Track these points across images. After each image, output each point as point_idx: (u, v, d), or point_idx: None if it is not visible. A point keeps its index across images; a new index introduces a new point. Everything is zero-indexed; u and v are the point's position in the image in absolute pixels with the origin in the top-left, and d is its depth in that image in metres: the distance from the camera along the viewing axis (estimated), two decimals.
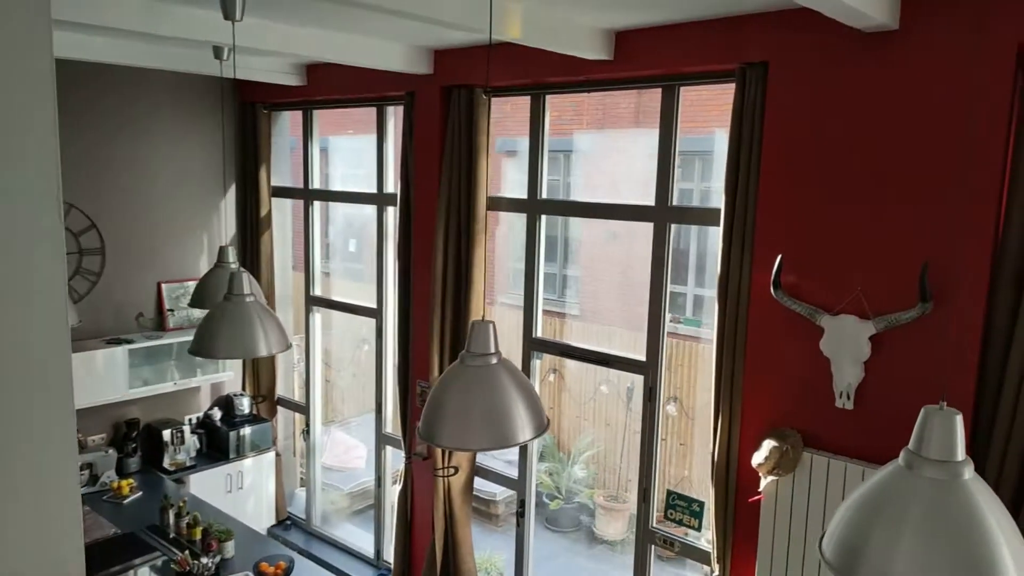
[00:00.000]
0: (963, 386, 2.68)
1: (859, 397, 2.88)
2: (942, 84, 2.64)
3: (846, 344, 2.85)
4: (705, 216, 3.51)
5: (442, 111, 4.35)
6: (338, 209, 7.48)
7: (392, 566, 4.97)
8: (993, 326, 2.63)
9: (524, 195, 4.24)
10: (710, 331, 3.38)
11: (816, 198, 2.95)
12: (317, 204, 5.69)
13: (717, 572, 3.32)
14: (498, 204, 4.40)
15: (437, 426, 2.34)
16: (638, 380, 3.87)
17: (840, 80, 2.86)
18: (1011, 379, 2.57)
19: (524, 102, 4.20)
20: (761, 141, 3.07)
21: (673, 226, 3.61)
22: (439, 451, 4.47)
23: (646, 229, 3.70)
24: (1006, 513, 1.49)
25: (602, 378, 7.16)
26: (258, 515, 5.65)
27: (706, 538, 3.61)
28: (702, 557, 3.56)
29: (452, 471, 4.49)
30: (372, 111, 5.04)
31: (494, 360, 2.40)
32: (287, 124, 5.96)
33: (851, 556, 1.56)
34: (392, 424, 5.32)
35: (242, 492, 5.51)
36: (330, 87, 5.04)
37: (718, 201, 3.22)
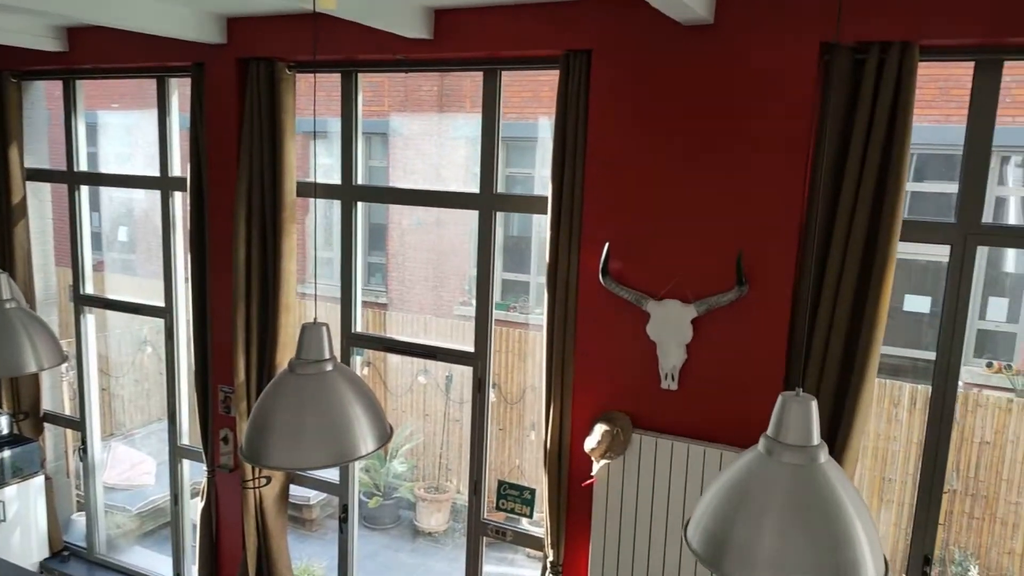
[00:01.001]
0: (774, 363, 2.87)
1: (683, 378, 3.00)
2: (752, 78, 2.78)
3: (671, 328, 2.95)
4: (532, 204, 3.48)
5: (239, 86, 3.94)
6: (110, 195, 6.62)
7: None
8: (798, 304, 2.84)
9: (338, 180, 3.97)
10: (522, 316, 3.36)
11: (640, 186, 3.02)
12: (85, 189, 4.95)
13: (551, 557, 3.33)
14: (309, 190, 4.08)
15: (265, 445, 2.08)
16: (457, 369, 3.79)
17: (660, 70, 2.93)
18: (815, 353, 2.80)
19: (334, 80, 3.91)
20: (586, 128, 3.07)
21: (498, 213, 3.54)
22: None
23: (458, 216, 3.61)
24: (856, 491, 1.56)
25: (419, 368, 7.03)
26: (27, 549, 4.87)
27: (539, 525, 3.62)
28: (535, 544, 3.57)
29: (264, 481, 4.13)
30: (151, 83, 4.45)
31: (329, 367, 2.18)
32: (42, 96, 5.12)
33: (717, 544, 1.56)
34: (189, 434, 4.81)
35: (6, 525, 4.71)
36: (98, 54, 4.38)
37: (545, 189, 3.20)
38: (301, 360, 2.15)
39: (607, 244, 3.03)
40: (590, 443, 3.03)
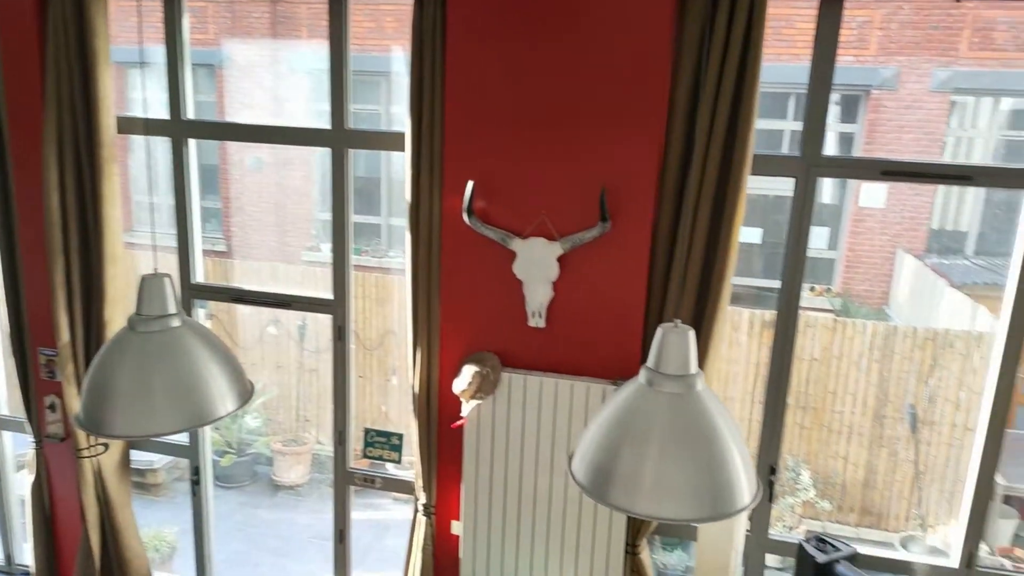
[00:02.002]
0: (636, 296, 2.94)
1: (550, 315, 3.01)
2: (611, 11, 2.75)
3: (537, 266, 2.94)
4: (388, 141, 3.31)
5: (37, 5, 3.42)
6: None
7: (32, 570, 4.11)
8: (658, 238, 2.91)
9: (166, 115, 3.58)
10: (376, 260, 3.24)
11: (503, 123, 2.94)
12: None
13: (423, 500, 3.31)
14: (132, 126, 3.66)
15: (107, 413, 1.87)
16: (311, 317, 3.61)
17: (523, 8, 2.83)
18: (673, 285, 2.89)
19: (152, 5, 3.48)
20: (444, 63, 2.94)
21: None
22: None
23: (301, 155, 3.38)
24: (730, 416, 1.62)
25: (269, 319, 6.67)
26: None
27: (408, 469, 3.58)
28: (406, 488, 3.53)
29: (101, 449, 3.79)
30: None
31: (176, 322, 1.97)
32: None
33: (603, 476, 1.57)
34: (8, 404, 4.31)
35: None
36: None
37: (395, 126, 3.04)
38: (142, 316, 1.93)
39: (470, 183, 2.95)
40: (460, 385, 2.99)
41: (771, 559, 3.50)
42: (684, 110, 2.79)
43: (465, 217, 2.95)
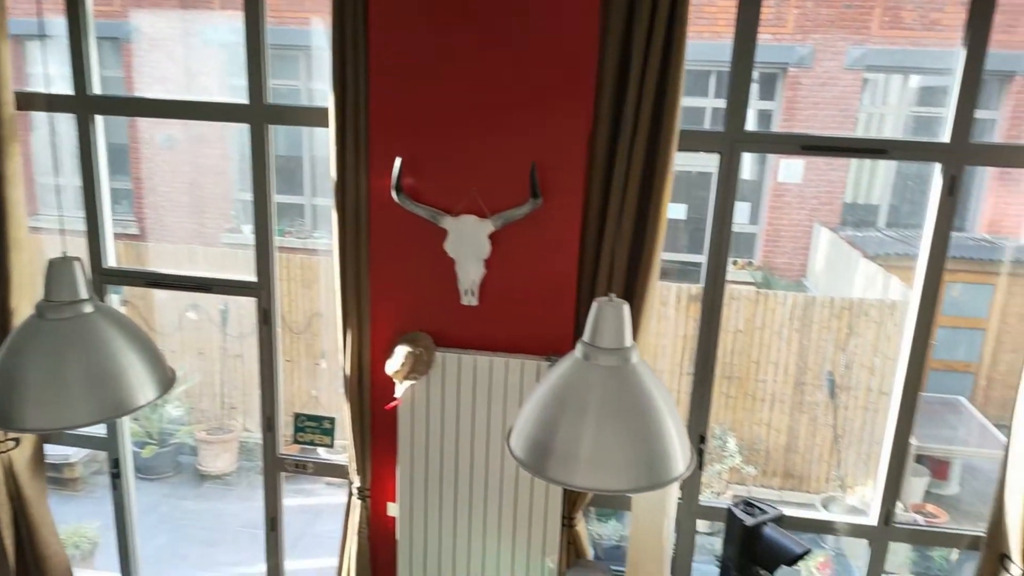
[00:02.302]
0: (567, 272, 2.95)
1: (483, 293, 2.99)
2: None
3: (468, 243, 2.91)
4: (310, 116, 3.19)
5: None
6: None
7: None
8: (588, 214, 2.92)
9: (70, 91, 3.37)
10: (300, 241, 3.15)
11: (431, 98, 2.88)
12: None
13: (358, 483, 3.26)
14: (33, 102, 3.43)
15: (16, 406, 1.76)
16: (233, 301, 3.49)
17: None
18: (604, 261, 2.91)
19: None
20: (367, 36, 2.85)
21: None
22: None
23: (216, 132, 3.25)
24: (665, 388, 1.64)
25: (188, 304, 6.42)
26: None
27: (341, 453, 3.52)
28: (339, 472, 3.47)
29: (12, 444, 3.58)
30: None
31: (87, 308, 1.87)
32: None
33: (540, 451, 1.57)
34: None
35: None
36: None
37: (316, 102, 2.94)
38: (52, 303, 1.82)
39: (398, 160, 2.88)
40: (392, 366, 2.95)
41: (702, 525, 3.61)
42: (612, 87, 2.79)
43: (394, 195, 2.89)
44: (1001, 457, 3.08)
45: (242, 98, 3.24)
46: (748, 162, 9.47)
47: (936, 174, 3.00)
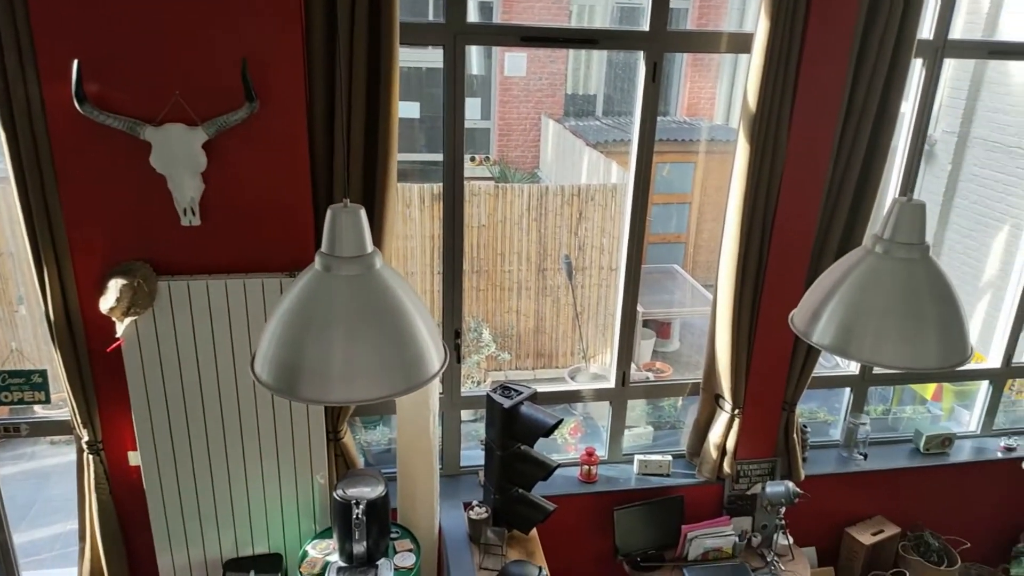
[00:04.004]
0: (300, 180, 2.76)
1: (205, 210, 2.70)
2: None
3: (179, 156, 2.57)
4: None
5: None
6: None
7: None
8: (315, 117, 2.72)
9: None
10: None
11: None
12: None
13: (86, 437, 2.90)
14: None
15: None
16: None
17: None
18: (338, 166, 2.76)
19: None
20: None
21: None
22: None
23: None
24: (412, 290, 1.59)
25: None
26: None
27: (60, 407, 3.09)
28: (62, 429, 3.06)
29: None
30: None
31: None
32: None
33: (289, 372, 1.47)
34: None
35: None
36: None
37: None
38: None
39: (76, 62, 2.43)
40: (107, 303, 2.59)
41: (466, 414, 3.74)
42: None
43: (77, 105, 2.44)
44: (710, 313, 3.53)
45: None
46: (475, 56, 9.54)
47: (640, 62, 3.20)
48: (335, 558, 2.97)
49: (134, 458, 3.00)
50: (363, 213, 1.50)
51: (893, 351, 1.61)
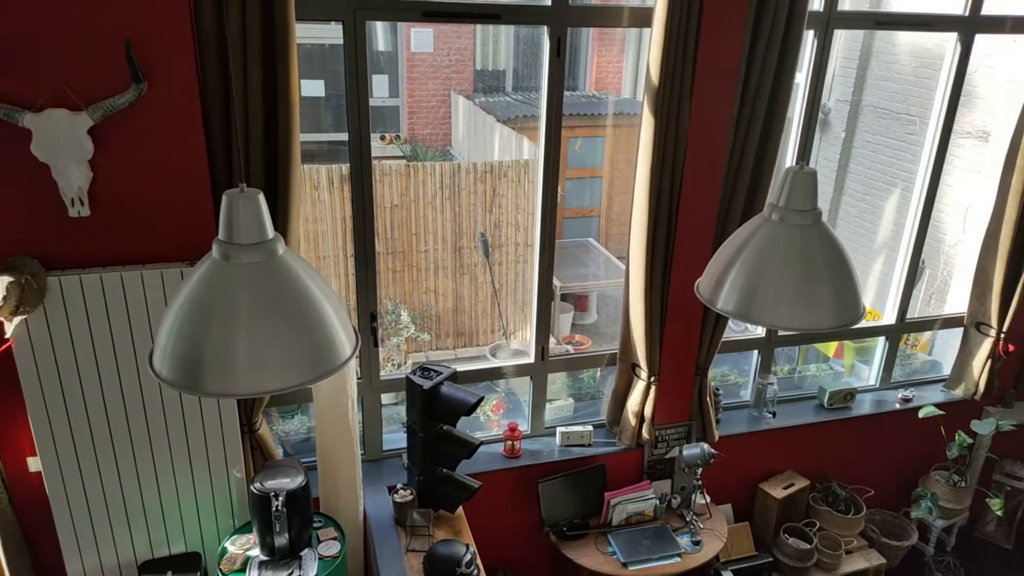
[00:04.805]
0: (197, 165, 2.64)
1: (95, 200, 2.56)
2: None
3: (62, 144, 2.42)
4: None
5: None
6: None
7: None
8: (209, 99, 2.61)
9: None
10: None
11: None
12: None
13: None
14: None
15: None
16: None
17: None
18: (237, 149, 2.65)
19: None
20: None
21: None
22: None
23: None
24: (318, 275, 1.56)
25: None
26: None
27: None
28: None
29: None
30: None
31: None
32: None
33: (191, 366, 1.42)
34: None
35: None
36: None
37: None
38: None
39: None
40: None
41: (387, 397, 3.71)
42: None
43: None
44: (623, 284, 3.60)
45: None
46: (380, 32, 9.34)
47: (545, 37, 3.20)
48: (256, 552, 2.91)
49: (34, 464, 2.84)
50: (261, 197, 1.45)
51: (791, 314, 1.68)
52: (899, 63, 6.10)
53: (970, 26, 3.81)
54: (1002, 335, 4.28)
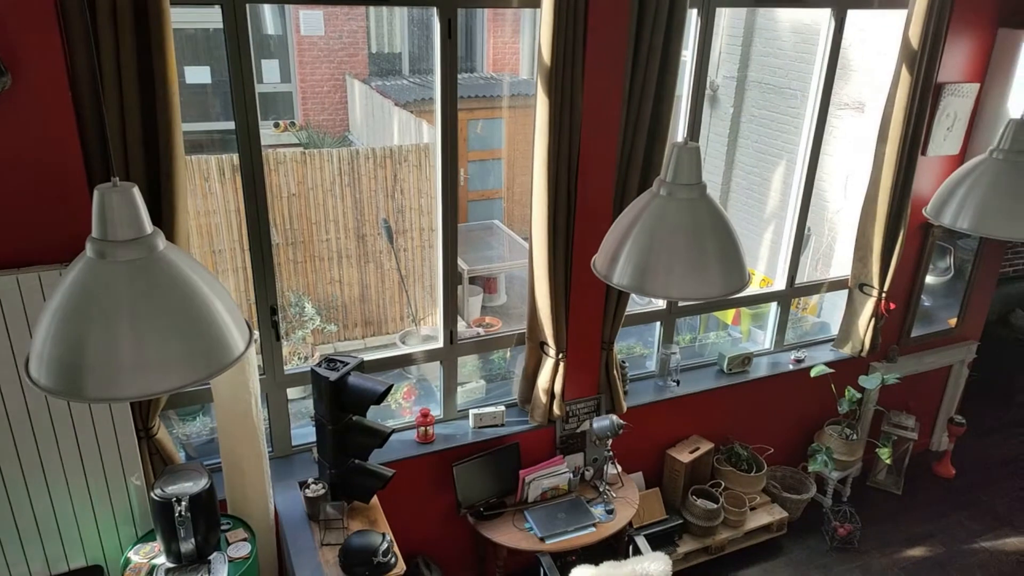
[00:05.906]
0: (71, 160, 2.49)
1: None
2: None
3: None
4: None
5: None
6: None
7: None
8: (80, 88, 2.45)
9: None
10: None
11: None
12: None
13: None
14: None
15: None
16: None
17: None
18: (114, 142, 2.51)
19: None
20: None
21: None
22: None
23: None
24: (205, 269, 1.50)
25: None
26: None
27: None
28: None
29: None
30: None
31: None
32: None
33: (70, 371, 1.35)
34: None
35: None
36: None
37: None
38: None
39: None
40: None
41: (295, 392, 3.62)
42: None
43: None
44: (527, 265, 3.63)
45: None
46: (268, 15, 9.00)
47: (435, 19, 3.16)
48: (162, 560, 2.80)
49: None
50: (136, 191, 1.38)
51: (682, 284, 1.74)
52: (780, 39, 6.36)
53: (842, 2, 4.02)
54: (883, 294, 4.57)
